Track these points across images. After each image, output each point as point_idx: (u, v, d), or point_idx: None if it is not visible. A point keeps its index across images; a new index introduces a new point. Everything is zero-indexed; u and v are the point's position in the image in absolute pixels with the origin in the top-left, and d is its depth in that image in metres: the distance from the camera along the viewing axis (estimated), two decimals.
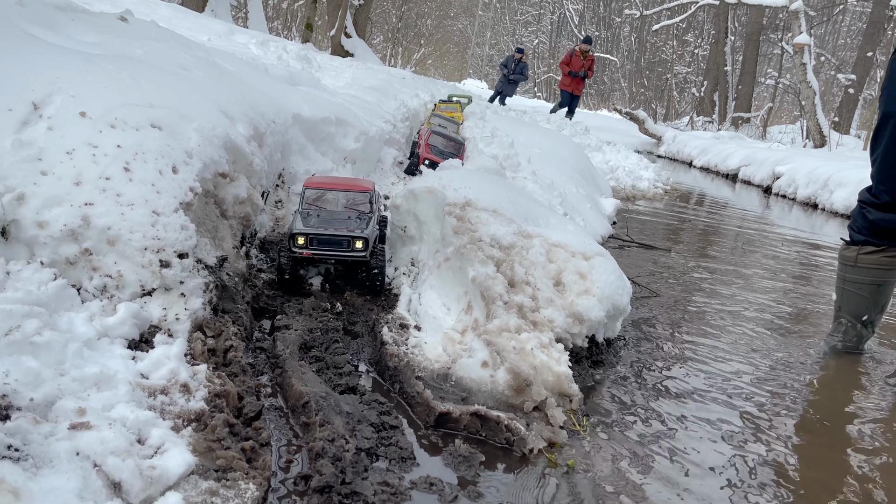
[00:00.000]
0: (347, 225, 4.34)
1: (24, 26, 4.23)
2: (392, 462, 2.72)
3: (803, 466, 3.22)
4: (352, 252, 4.25)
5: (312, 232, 4.21)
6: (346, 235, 4.23)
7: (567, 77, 19.26)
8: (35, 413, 2.23)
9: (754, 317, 5.50)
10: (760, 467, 3.15)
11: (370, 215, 4.56)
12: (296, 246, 4.21)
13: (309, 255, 4.23)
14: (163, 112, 3.76)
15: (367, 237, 4.24)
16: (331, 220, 4.41)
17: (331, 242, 4.23)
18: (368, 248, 4.27)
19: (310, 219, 4.39)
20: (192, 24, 12.79)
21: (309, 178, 4.82)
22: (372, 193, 4.67)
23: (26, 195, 3.12)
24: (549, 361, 3.40)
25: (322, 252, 4.24)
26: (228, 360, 3.15)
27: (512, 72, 21.33)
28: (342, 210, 4.58)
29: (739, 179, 17.85)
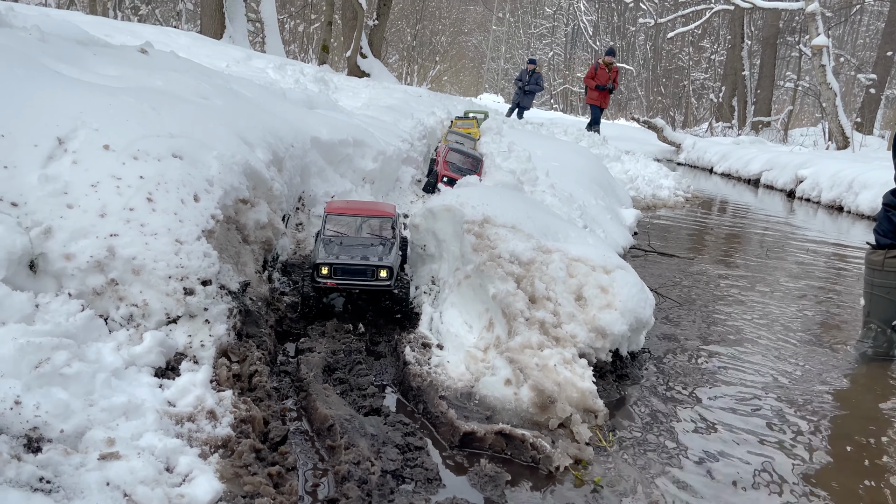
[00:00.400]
0: (371, 253, 4.26)
1: (48, 62, 4.34)
2: (418, 484, 2.72)
3: (835, 478, 3.16)
4: (376, 281, 4.17)
5: (336, 262, 4.13)
6: (371, 265, 4.15)
7: (595, 91, 18.87)
8: (66, 444, 2.27)
9: (781, 325, 5.43)
10: (792, 482, 3.10)
11: (393, 241, 4.48)
12: (319, 276, 4.15)
13: (333, 286, 4.17)
14: (183, 141, 3.83)
15: (391, 266, 4.16)
16: (354, 247, 4.32)
17: (355, 272, 4.15)
18: (393, 277, 4.20)
19: (332, 247, 4.31)
20: (211, 51, 13.01)
21: (330, 203, 4.76)
22: (394, 218, 4.59)
23: (53, 228, 3.19)
24: (572, 377, 3.39)
25: (346, 282, 4.16)
26: (253, 384, 3.18)
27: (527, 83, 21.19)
28: (365, 236, 4.50)
29: (762, 184, 17.66)
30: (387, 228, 4.55)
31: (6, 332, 2.58)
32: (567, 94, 51.38)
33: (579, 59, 51.32)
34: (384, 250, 4.33)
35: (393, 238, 4.52)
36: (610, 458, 3.14)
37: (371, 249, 4.32)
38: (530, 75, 21.08)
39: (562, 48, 53.08)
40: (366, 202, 5.17)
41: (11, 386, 2.37)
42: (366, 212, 4.58)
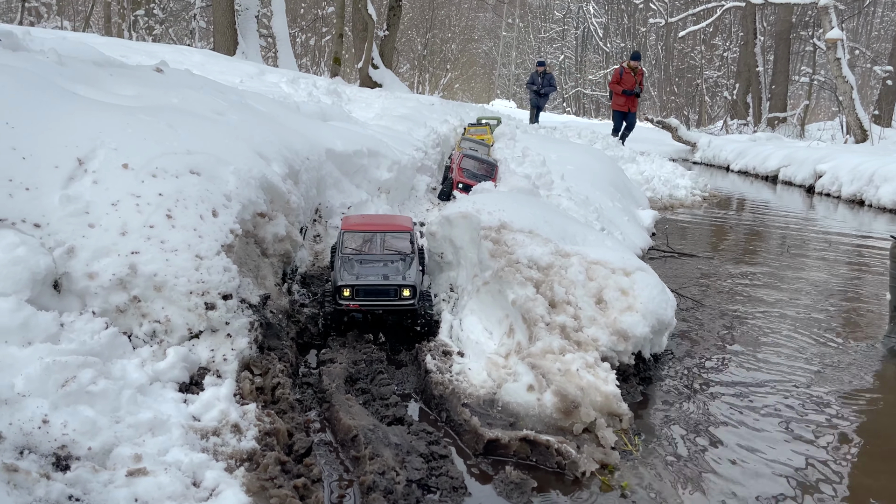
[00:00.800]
0: (392, 271, 4.19)
1: (65, 84, 4.41)
2: (444, 493, 2.71)
3: (869, 479, 3.11)
4: (399, 301, 4.08)
5: (359, 284, 4.04)
6: (394, 285, 4.06)
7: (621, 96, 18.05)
8: (94, 461, 2.29)
9: (804, 322, 5.36)
10: (821, 482, 3.05)
11: (412, 256, 4.41)
12: (342, 298, 4.06)
13: (356, 308, 4.09)
14: (200, 158, 3.86)
15: (414, 285, 4.07)
16: (374, 266, 4.25)
17: (378, 293, 4.06)
18: (416, 296, 4.11)
19: (352, 265, 4.24)
20: (225, 67, 13.14)
21: (346, 219, 4.64)
22: (412, 232, 4.53)
23: (76, 248, 3.23)
24: (595, 381, 3.36)
25: (369, 303, 4.08)
26: (276, 397, 3.20)
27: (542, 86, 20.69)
28: (384, 253, 4.42)
29: (780, 180, 17.48)
30: (405, 243, 4.48)
31: (32, 352, 2.62)
32: (579, 97, 51.27)
33: (590, 62, 51.21)
34: (405, 266, 4.26)
35: (412, 253, 4.44)
36: (636, 462, 3.11)
37: (392, 267, 4.24)
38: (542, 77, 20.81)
39: (572, 51, 53.02)
40: (382, 216, 5.11)
41: (39, 405, 2.40)
42: (384, 227, 4.52)
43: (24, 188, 3.30)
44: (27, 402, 2.39)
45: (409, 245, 4.47)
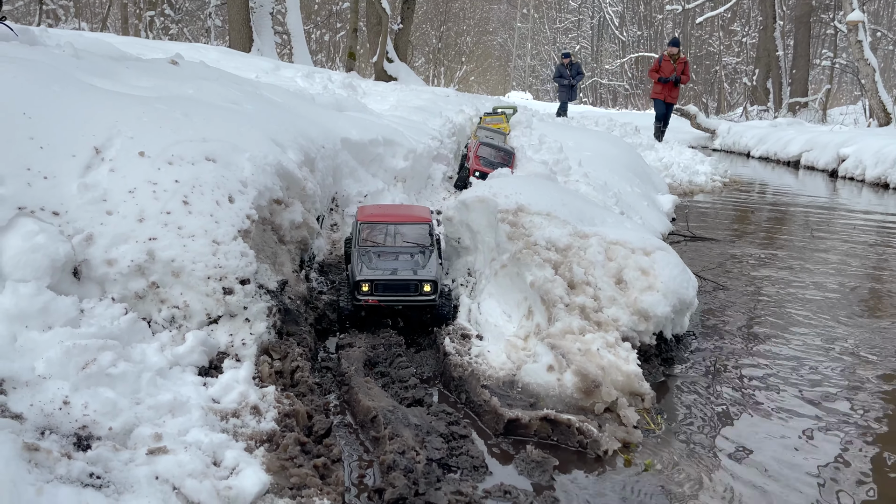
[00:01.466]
0: (411, 265, 4.05)
1: (82, 77, 4.43)
2: (464, 472, 2.69)
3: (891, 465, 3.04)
4: (420, 296, 3.94)
5: (378, 279, 3.90)
6: (414, 280, 3.92)
7: (658, 84, 17.09)
8: (114, 441, 2.30)
9: (829, 305, 5.26)
10: (844, 466, 2.99)
11: (431, 248, 4.27)
12: (360, 293, 3.93)
13: (375, 303, 3.95)
14: (216, 145, 3.86)
15: (435, 280, 3.93)
16: (393, 259, 4.13)
17: (397, 287, 3.92)
18: (437, 291, 3.97)
19: (370, 259, 4.10)
20: (240, 63, 13.19)
21: (362, 209, 4.49)
22: (431, 224, 4.38)
23: (94, 235, 3.24)
24: (616, 361, 3.32)
25: (388, 298, 3.94)
26: (296, 380, 3.19)
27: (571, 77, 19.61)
28: (403, 245, 4.30)
29: (802, 166, 17.23)
30: (424, 235, 4.34)
31: (52, 336, 2.63)
32: (596, 87, 50.91)
33: (607, 52, 50.80)
34: (424, 259, 4.14)
35: (431, 245, 4.30)
36: (659, 441, 3.07)
37: (412, 260, 4.12)
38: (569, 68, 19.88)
39: (588, 41, 52.64)
40: (398, 206, 4.92)
41: (60, 387, 2.41)
42: (401, 218, 4.39)
43: (43, 177, 3.31)
44: (48, 385, 2.41)
45: (427, 237, 4.33)
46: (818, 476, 2.84)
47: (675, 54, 16.70)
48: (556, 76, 20.40)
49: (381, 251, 4.21)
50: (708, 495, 2.64)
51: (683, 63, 16.73)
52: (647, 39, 46.58)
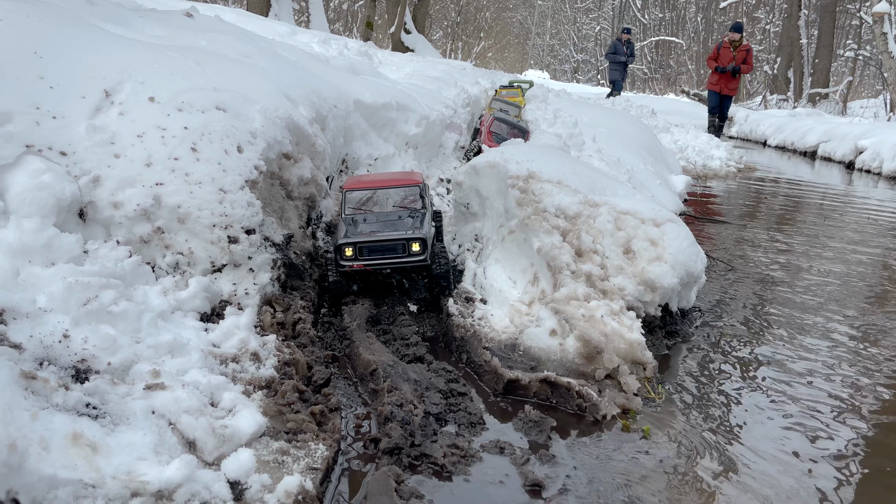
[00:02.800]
0: (399, 226, 3.79)
1: (95, 22, 4.39)
2: (461, 426, 2.69)
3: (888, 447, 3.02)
4: (409, 257, 3.68)
5: (361, 240, 3.64)
6: (401, 238, 3.66)
7: (714, 74, 15.34)
8: (112, 375, 2.30)
9: (838, 291, 5.21)
10: (841, 446, 2.96)
11: (423, 211, 4.02)
12: (344, 259, 3.66)
13: (360, 268, 3.68)
14: (227, 95, 3.83)
15: (424, 237, 3.68)
16: (380, 223, 3.86)
17: (384, 249, 3.66)
18: (427, 250, 3.72)
19: (355, 225, 3.86)
20: (257, 26, 13.07)
21: (348, 179, 4.29)
22: (422, 187, 4.11)
23: (101, 177, 3.23)
24: (620, 329, 3.30)
25: (375, 262, 3.67)
26: (297, 331, 3.19)
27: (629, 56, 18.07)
28: (391, 210, 4.03)
29: (819, 156, 17.00)
30: (414, 199, 4.07)
31: (55, 272, 2.63)
32: None
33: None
34: (414, 222, 3.86)
35: (423, 208, 4.05)
36: (659, 410, 3.05)
37: (399, 223, 3.85)
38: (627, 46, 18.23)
39: (609, 23, 51.96)
40: (387, 173, 4.69)
41: (60, 321, 2.41)
42: (388, 182, 4.11)
43: (51, 116, 3.29)
44: (48, 318, 2.40)
45: (419, 200, 4.08)
46: (812, 455, 2.81)
47: (737, 41, 15.00)
48: (609, 52, 18.76)
49: (366, 217, 3.98)
50: (703, 465, 2.63)
51: (745, 51, 14.98)
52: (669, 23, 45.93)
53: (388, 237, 3.67)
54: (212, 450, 2.13)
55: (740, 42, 14.93)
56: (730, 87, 15.10)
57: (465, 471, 2.40)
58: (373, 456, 2.44)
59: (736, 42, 14.91)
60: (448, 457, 2.43)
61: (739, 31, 15.10)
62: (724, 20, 39.71)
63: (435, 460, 2.40)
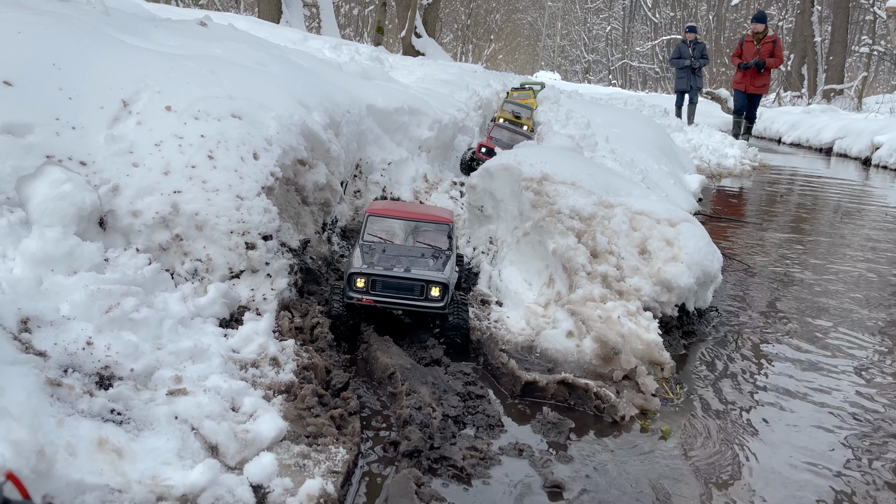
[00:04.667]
0: (420, 265, 3.44)
1: (111, 32, 4.45)
2: (480, 429, 2.69)
3: None
4: (425, 301, 3.32)
5: (376, 273, 3.30)
6: (420, 279, 3.30)
7: (739, 71, 13.89)
8: (135, 382, 2.33)
9: (857, 290, 5.17)
10: (862, 449, 2.94)
11: (448, 253, 3.65)
12: (354, 290, 3.32)
13: (370, 303, 3.32)
14: (242, 102, 3.87)
15: (445, 282, 3.31)
16: (399, 257, 3.52)
17: (399, 287, 3.31)
18: (447, 297, 3.34)
19: (372, 254, 3.52)
20: (269, 33, 13.17)
21: (373, 203, 3.99)
22: (451, 226, 3.78)
23: (120, 186, 3.27)
24: (637, 329, 3.29)
25: (387, 299, 3.32)
26: (315, 336, 3.21)
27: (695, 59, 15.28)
28: (414, 246, 3.70)
29: (834, 153, 16.89)
30: (441, 237, 3.75)
31: (77, 280, 2.66)
32: (626, 69, 50.19)
33: (638, 33, 49.99)
34: (437, 263, 3.51)
35: (448, 250, 3.70)
36: (677, 411, 3.04)
37: (421, 261, 3.51)
38: (693, 47, 15.46)
39: (619, 22, 51.82)
40: (417, 204, 4.35)
41: (83, 328, 2.44)
42: (416, 215, 3.80)
43: (71, 127, 3.34)
44: (72, 325, 2.44)
45: (445, 240, 3.73)
46: (832, 456, 2.79)
47: (761, 32, 13.58)
48: (673, 56, 16.06)
49: (386, 247, 3.63)
50: (722, 466, 2.62)
51: (771, 42, 13.53)
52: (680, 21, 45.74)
53: (407, 275, 3.32)
54: (234, 454, 2.15)
55: (765, 33, 13.58)
56: (756, 84, 13.76)
57: (485, 473, 2.41)
58: (392, 459, 2.45)
59: (760, 34, 13.60)
60: (467, 459, 2.44)
61: (763, 22, 13.73)
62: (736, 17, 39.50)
63: (454, 463, 2.41)
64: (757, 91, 13.94)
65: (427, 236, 3.74)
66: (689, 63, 15.20)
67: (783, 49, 14.56)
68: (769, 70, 13.59)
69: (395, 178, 6.00)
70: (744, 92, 14.00)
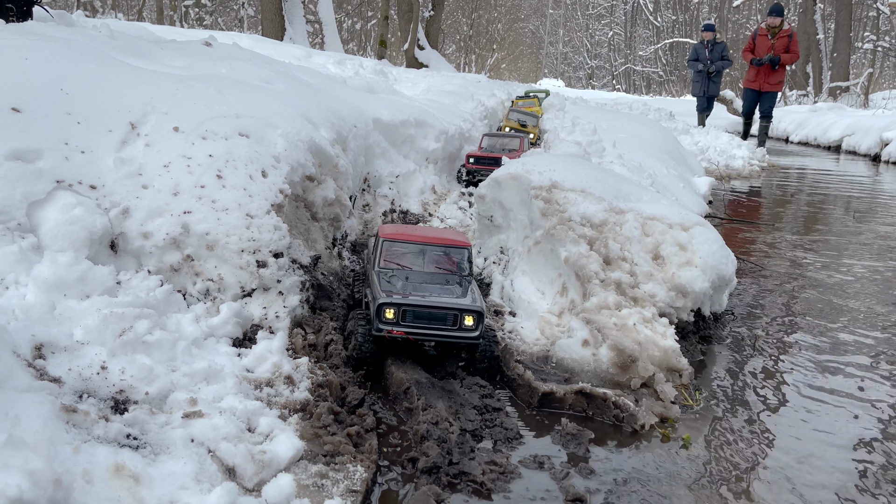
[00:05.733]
0: (449, 293, 3.24)
1: (118, 56, 4.47)
2: (498, 442, 2.66)
3: None
4: (459, 331, 3.09)
5: (408, 303, 3.06)
6: (454, 308, 3.08)
7: (752, 69, 12.85)
8: (150, 405, 2.31)
9: (872, 291, 5.11)
10: (886, 446, 2.89)
11: (469, 279, 3.49)
12: (384, 322, 3.07)
13: (401, 335, 3.08)
14: (249, 121, 3.87)
15: (481, 311, 3.10)
16: (424, 284, 3.31)
17: (431, 318, 3.08)
18: (482, 327, 3.12)
19: (395, 280, 3.32)
20: (273, 50, 13.26)
21: (383, 228, 3.71)
22: (469, 250, 3.62)
23: (130, 208, 3.27)
24: (653, 336, 3.26)
25: (420, 331, 3.08)
26: (329, 353, 3.19)
27: (710, 62, 14.05)
28: (436, 272, 3.51)
29: (843, 150, 16.80)
30: (462, 262, 3.56)
31: (90, 304, 2.66)
32: (629, 74, 50.21)
33: (640, 38, 50.03)
34: (462, 289, 3.33)
35: (469, 274, 3.54)
36: (698, 418, 3.00)
37: (449, 289, 3.30)
38: (711, 48, 14.19)
39: (621, 27, 51.88)
40: (429, 228, 4.12)
41: (97, 352, 2.43)
42: (434, 240, 3.60)
43: (80, 151, 3.35)
44: (86, 350, 2.43)
45: (466, 264, 3.56)
46: (854, 462, 2.74)
47: (776, 26, 12.54)
48: (690, 58, 14.82)
49: (409, 275, 3.44)
50: (746, 474, 2.57)
51: (787, 37, 12.47)
52: (683, 24, 45.74)
53: (440, 304, 3.10)
54: (252, 476, 2.13)
55: (780, 27, 12.50)
56: (771, 81, 12.80)
57: (505, 487, 2.38)
58: (411, 476, 2.42)
59: (775, 28, 12.53)
60: (487, 474, 2.41)
61: (780, 15, 12.52)
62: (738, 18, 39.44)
63: (474, 478, 2.38)
64: (772, 89, 13.09)
65: (446, 261, 3.56)
66: (703, 66, 14.16)
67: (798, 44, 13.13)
68: (784, 67, 12.68)
69: (403, 190, 6.00)
70: (756, 91, 13.09)
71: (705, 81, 14.36)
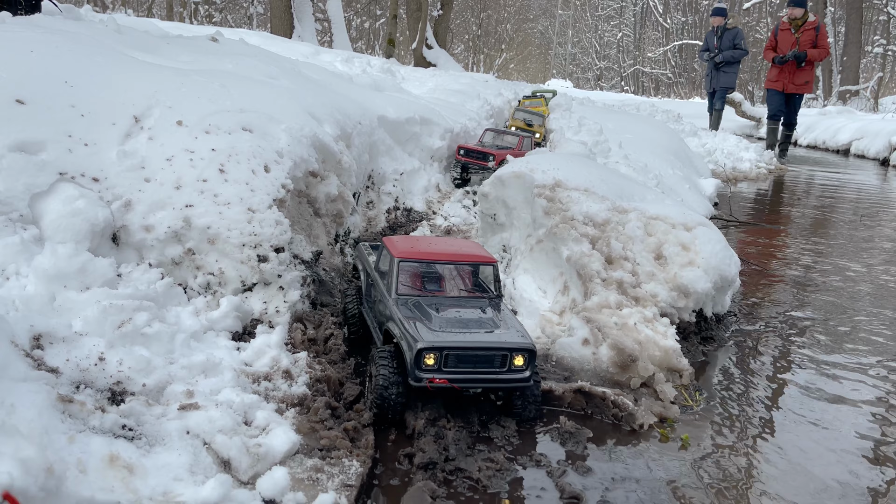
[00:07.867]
0: (487, 325, 2.74)
1: (124, 50, 4.48)
2: (496, 439, 2.65)
3: None
4: (509, 374, 2.62)
5: (452, 344, 2.55)
6: (503, 347, 2.60)
7: (774, 68, 11.35)
8: (147, 397, 2.32)
9: (878, 293, 5.07)
10: (882, 451, 2.87)
11: (499, 298, 3.06)
12: (423, 370, 2.54)
13: (443, 384, 2.56)
14: (253, 116, 3.87)
15: (532, 348, 2.65)
16: (460, 316, 2.79)
17: (477, 360, 2.58)
18: (532, 366, 2.68)
19: (427, 315, 2.74)
20: (281, 48, 13.27)
21: (395, 244, 3.12)
22: (496, 266, 3.12)
23: (132, 201, 3.28)
24: (654, 336, 3.24)
25: (465, 376, 2.59)
26: (328, 348, 3.19)
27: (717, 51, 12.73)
28: (463, 296, 3.01)
29: (852, 154, 16.71)
30: (488, 281, 3.14)
31: (90, 296, 2.66)
32: (638, 75, 50.08)
33: (649, 39, 49.90)
34: (499, 315, 2.86)
35: (499, 296, 3.08)
36: (697, 418, 2.98)
37: (487, 321, 2.79)
38: (720, 36, 12.81)
39: (631, 28, 51.76)
40: (442, 239, 3.66)
41: (95, 344, 2.44)
42: (456, 257, 3.07)
43: (83, 144, 3.36)
44: (84, 341, 2.44)
45: (495, 284, 3.11)
46: (855, 463, 2.72)
47: (799, 19, 10.97)
48: (702, 49, 13.59)
49: (438, 305, 2.85)
50: (744, 475, 2.56)
51: (813, 29, 10.95)
52: (692, 26, 45.60)
53: (489, 344, 2.61)
54: (246, 469, 2.13)
55: (804, 19, 10.97)
56: (797, 81, 11.25)
57: (501, 485, 2.37)
58: (407, 471, 2.42)
59: (798, 21, 10.98)
60: (483, 471, 2.40)
61: (802, 6, 10.95)
62: (748, 21, 39.26)
63: (470, 475, 2.37)
64: (797, 90, 11.52)
65: (472, 281, 3.12)
66: (711, 56, 12.82)
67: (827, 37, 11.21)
68: (812, 64, 11.03)
69: (407, 188, 6.00)
70: (780, 93, 11.56)
71: (714, 73, 13.15)
